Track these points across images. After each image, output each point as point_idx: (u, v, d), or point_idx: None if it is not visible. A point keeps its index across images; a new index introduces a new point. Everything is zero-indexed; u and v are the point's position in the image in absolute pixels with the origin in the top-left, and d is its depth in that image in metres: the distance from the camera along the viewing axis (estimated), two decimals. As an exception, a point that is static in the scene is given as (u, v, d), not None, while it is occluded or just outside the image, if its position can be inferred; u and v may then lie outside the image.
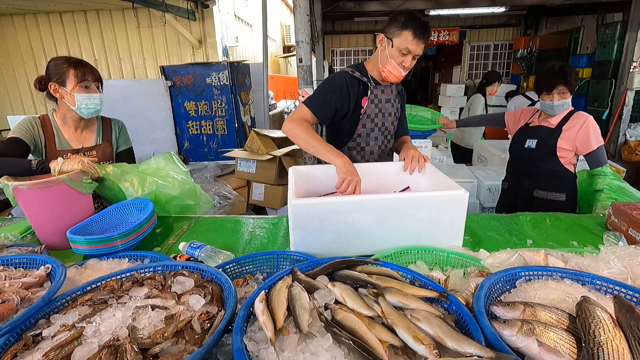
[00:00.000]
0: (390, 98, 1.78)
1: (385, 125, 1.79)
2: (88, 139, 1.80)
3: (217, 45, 6.10)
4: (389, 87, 1.76)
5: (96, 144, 1.81)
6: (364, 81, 1.70)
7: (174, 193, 1.71)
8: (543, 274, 0.95)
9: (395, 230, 1.24)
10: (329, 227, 1.19)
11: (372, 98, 1.71)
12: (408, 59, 1.56)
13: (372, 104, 1.71)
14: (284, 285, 0.87)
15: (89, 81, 1.63)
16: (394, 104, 1.80)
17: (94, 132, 1.82)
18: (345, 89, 1.67)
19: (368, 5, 6.56)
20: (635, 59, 5.59)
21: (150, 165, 1.75)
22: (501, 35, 9.54)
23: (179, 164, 1.80)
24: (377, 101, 1.73)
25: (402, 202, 1.22)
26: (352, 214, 1.19)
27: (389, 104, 1.77)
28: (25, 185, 1.33)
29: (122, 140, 1.91)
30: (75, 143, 1.76)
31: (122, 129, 1.93)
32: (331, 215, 1.18)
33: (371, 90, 1.70)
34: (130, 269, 1.04)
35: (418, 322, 0.77)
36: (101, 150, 1.81)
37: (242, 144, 4.63)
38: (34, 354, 0.75)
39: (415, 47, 1.53)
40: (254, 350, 0.73)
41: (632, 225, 1.36)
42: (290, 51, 10.24)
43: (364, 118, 1.72)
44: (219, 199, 4.04)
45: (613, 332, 0.69)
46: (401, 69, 1.59)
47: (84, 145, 1.77)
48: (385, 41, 1.58)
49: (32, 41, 6.31)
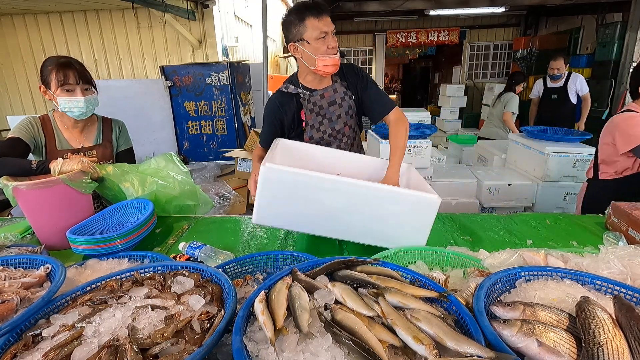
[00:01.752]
0: (335, 98, 1.66)
1: (336, 129, 1.69)
2: (88, 139, 1.80)
3: (217, 45, 6.10)
4: (329, 88, 1.66)
5: (96, 143, 1.81)
6: (297, 94, 1.64)
7: (174, 193, 1.71)
8: (543, 274, 0.95)
9: (363, 219, 1.23)
10: (298, 200, 1.18)
11: (310, 107, 1.65)
12: (329, 39, 1.50)
13: (312, 113, 1.65)
14: (283, 285, 0.87)
15: (72, 84, 1.60)
16: (343, 103, 1.67)
17: (94, 132, 1.82)
18: (278, 112, 1.65)
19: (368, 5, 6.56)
20: (635, 59, 5.59)
21: (150, 166, 1.75)
22: (501, 35, 9.53)
23: (179, 164, 1.80)
24: (317, 109, 1.65)
25: (378, 192, 1.20)
26: (326, 192, 1.17)
27: (334, 106, 1.66)
28: (25, 186, 1.33)
29: (122, 141, 1.91)
30: (75, 142, 1.76)
31: (122, 130, 1.93)
32: (304, 187, 1.16)
33: (307, 100, 1.64)
34: (130, 269, 1.04)
35: (418, 322, 0.77)
36: (101, 150, 1.81)
37: (242, 144, 4.64)
38: (34, 354, 0.75)
39: (325, 25, 1.48)
40: (253, 350, 0.73)
41: (632, 225, 1.36)
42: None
43: (308, 130, 1.67)
44: (219, 199, 4.04)
45: (613, 332, 0.69)
46: (332, 55, 1.51)
47: (84, 145, 1.78)
48: (299, 46, 1.53)
49: (32, 41, 6.31)
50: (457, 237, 1.46)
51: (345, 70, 1.69)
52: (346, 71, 1.69)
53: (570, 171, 2.95)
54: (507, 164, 3.59)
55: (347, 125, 1.71)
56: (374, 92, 1.69)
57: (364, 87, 1.68)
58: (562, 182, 2.99)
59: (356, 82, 1.69)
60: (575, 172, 2.95)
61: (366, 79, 1.70)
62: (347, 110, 1.69)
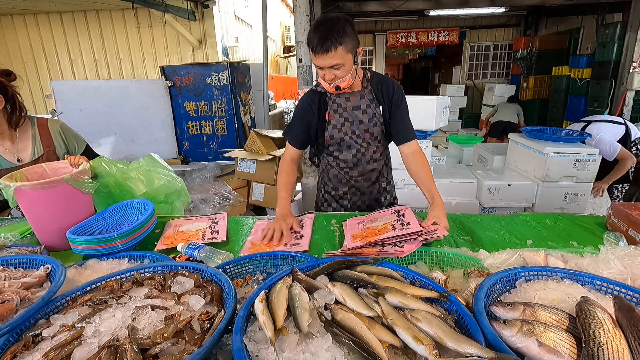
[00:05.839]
0: (360, 105, 1.66)
1: (356, 133, 1.70)
2: (22, 149, 1.60)
3: (217, 45, 6.10)
4: (357, 93, 1.66)
5: (37, 156, 1.61)
6: (324, 92, 1.66)
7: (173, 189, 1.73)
8: (543, 274, 0.95)
9: None
10: None
11: (335, 108, 1.67)
12: (322, 73, 1.49)
13: (336, 113, 1.67)
14: (284, 285, 0.87)
15: None
16: (368, 110, 1.67)
17: (29, 141, 1.61)
18: (309, 110, 1.67)
19: (368, 5, 6.55)
20: (635, 59, 5.59)
21: (140, 165, 1.76)
22: (501, 35, 9.53)
23: (164, 164, 1.83)
24: (341, 110, 1.67)
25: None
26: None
27: (358, 111, 1.67)
28: (29, 186, 1.32)
29: (72, 144, 1.71)
30: (9, 156, 1.58)
31: (64, 131, 1.70)
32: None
33: (333, 100, 1.66)
34: (130, 269, 1.04)
35: (418, 322, 0.77)
36: (45, 162, 1.59)
37: (242, 144, 4.63)
38: (34, 354, 0.75)
39: (318, 61, 1.45)
40: (254, 350, 0.73)
41: (632, 226, 1.36)
42: (290, 51, 10.24)
43: (330, 129, 1.69)
44: (219, 199, 4.04)
45: (613, 333, 0.69)
46: (327, 83, 1.52)
47: (21, 157, 1.60)
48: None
49: (32, 41, 6.31)
50: (457, 237, 1.46)
51: (380, 81, 1.68)
52: (381, 82, 1.68)
53: (570, 171, 2.95)
54: (507, 164, 3.60)
55: (369, 132, 1.71)
56: (402, 116, 1.69)
57: (395, 105, 1.68)
58: (562, 183, 2.99)
59: (388, 97, 1.67)
60: (575, 172, 2.94)
61: (399, 100, 1.68)
62: (371, 117, 1.69)
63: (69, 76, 6.50)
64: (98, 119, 4.64)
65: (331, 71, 1.47)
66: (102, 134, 4.73)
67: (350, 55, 1.47)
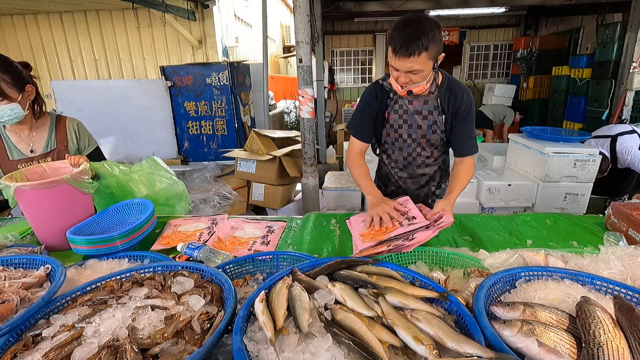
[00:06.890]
0: (422, 110, 1.60)
1: (412, 137, 1.66)
2: (38, 140, 1.66)
3: (217, 45, 6.10)
4: (421, 97, 1.58)
5: (50, 149, 1.66)
6: (388, 90, 1.62)
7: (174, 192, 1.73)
8: (543, 274, 0.95)
9: None
10: None
11: (396, 108, 1.63)
12: (397, 74, 1.42)
13: (396, 114, 1.64)
14: (284, 286, 0.87)
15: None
16: (429, 117, 1.60)
17: (45, 134, 1.67)
18: (372, 103, 1.64)
19: (368, 5, 6.54)
20: (635, 60, 5.58)
21: (142, 167, 1.76)
22: (501, 35, 9.52)
23: (166, 167, 1.83)
24: (401, 112, 1.63)
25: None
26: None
27: (418, 116, 1.61)
28: (29, 186, 1.32)
29: (83, 142, 1.76)
30: (24, 147, 1.63)
31: (80, 130, 1.75)
32: None
33: (395, 101, 1.62)
34: (130, 269, 1.04)
35: (418, 322, 0.77)
36: (55, 156, 1.66)
37: (242, 144, 4.63)
38: (34, 354, 0.75)
39: (397, 63, 1.36)
40: (254, 350, 0.73)
41: (632, 226, 1.36)
42: (290, 51, 10.24)
43: (387, 127, 1.68)
44: (219, 199, 4.04)
45: (613, 333, 0.69)
46: (399, 85, 1.45)
47: (34, 148, 1.65)
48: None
49: (32, 41, 6.31)
50: (457, 237, 1.46)
51: (450, 89, 1.57)
52: (451, 91, 1.57)
53: (570, 171, 2.95)
54: (507, 164, 3.60)
55: (425, 139, 1.66)
56: (462, 132, 1.61)
57: (459, 118, 1.59)
58: (562, 183, 2.99)
59: (454, 108, 1.58)
60: (575, 172, 2.94)
61: (465, 113, 1.58)
62: (431, 125, 1.62)
63: (69, 76, 6.50)
64: (98, 119, 4.63)
65: (407, 75, 1.39)
66: (102, 134, 4.73)
67: (431, 62, 1.37)
